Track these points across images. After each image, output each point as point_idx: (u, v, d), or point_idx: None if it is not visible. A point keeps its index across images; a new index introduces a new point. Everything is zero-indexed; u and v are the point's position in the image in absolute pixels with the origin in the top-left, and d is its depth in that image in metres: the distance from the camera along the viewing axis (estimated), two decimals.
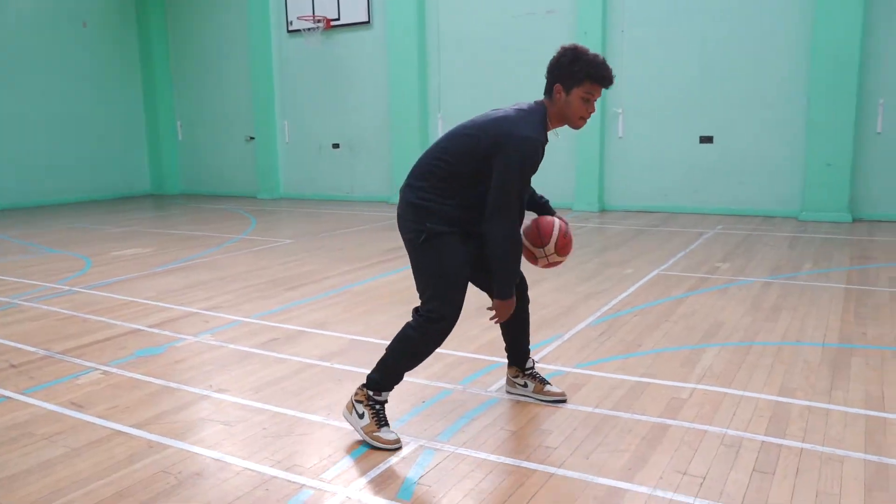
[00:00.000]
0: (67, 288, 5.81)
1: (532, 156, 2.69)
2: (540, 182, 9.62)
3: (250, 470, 2.67)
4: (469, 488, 2.50)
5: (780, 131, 8.98)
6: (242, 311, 5.00)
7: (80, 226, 9.67)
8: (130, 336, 4.44)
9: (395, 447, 2.77)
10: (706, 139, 9.47)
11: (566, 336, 4.25)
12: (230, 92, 13.41)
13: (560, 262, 3.01)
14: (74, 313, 5.00)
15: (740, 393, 3.29)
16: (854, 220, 8.57)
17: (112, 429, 3.06)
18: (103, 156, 13.39)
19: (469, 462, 2.69)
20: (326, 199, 12.48)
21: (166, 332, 4.50)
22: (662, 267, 6.18)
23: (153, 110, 13.96)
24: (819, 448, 2.72)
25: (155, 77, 13.78)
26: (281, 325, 4.61)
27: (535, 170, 2.74)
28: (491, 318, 2.92)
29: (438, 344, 2.84)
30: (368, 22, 11.60)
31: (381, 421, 2.81)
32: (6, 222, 10.24)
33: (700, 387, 3.37)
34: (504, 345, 3.27)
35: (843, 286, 5.34)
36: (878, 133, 8.49)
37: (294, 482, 2.57)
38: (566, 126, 2.86)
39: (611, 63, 2.87)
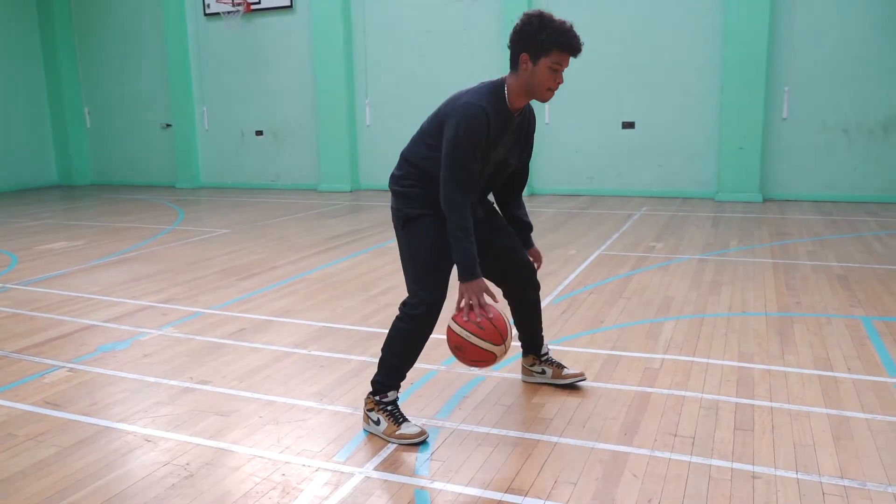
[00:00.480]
0: (0, 285, 5.50)
1: (471, 121, 2.58)
2: None
3: (260, 457, 2.68)
4: (482, 460, 2.61)
5: (697, 117, 9.50)
6: (200, 302, 4.90)
7: None
8: (87, 332, 4.28)
9: (421, 439, 2.74)
10: (628, 125, 9.89)
11: None
12: (144, 77, 12.83)
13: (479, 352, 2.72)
14: (17, 311, 4.75)
15: (705, 360, 3.55)
16: (765, 200, 9.20)
17: (99, 425, 2.99)
18: (4, 145, 12.55)
19: (474, 437, 2.81)
20: (250, 188, 12.20)
21: (125, 327, 4.37)
22: (602, 248, 6.47)
23: (58, 96, 13.17)
24: (786, 406, 3.00)
25: (58, 61, 12.99)
26: (245, 315, 4.56)
27: (482, 139, 2.61)
28: (459, 307, 2.72)
29: (427, 330, 2.82)
30: (291, 6, 11.37)
31: (398, 419, 2.79)
32: None
33: (668, 357, 3.62)
34: (517, 333, 3.20)
35: (769, 261, 5.77)
36: (784, 119, 9.14)
37: (308, 465, 2.61)
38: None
39: None
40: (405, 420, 2.81)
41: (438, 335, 3.95)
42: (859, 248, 6.16)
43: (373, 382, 2.88)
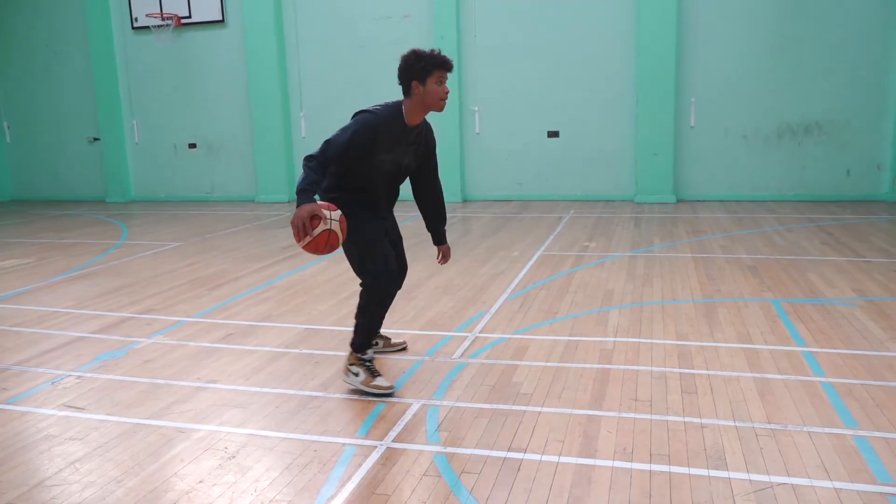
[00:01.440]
0: None
1: (362, 126, 3.28)
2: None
3: (290, 438, 3.08)
4: (482, 427, 3.11)
5: (614, 126, 10.34)
6: (180, 311, 5.17)
7: None
8: (79, 343, 4.51)
9: (391, 391, 3.44)
10: (553, 133, 10.63)
11: (492, 310, 4.95)
12: (68, 91, 12.65)
13: (320, 245, 3.18)
14: (1, 328, 4.90)
15: (650, 341, 4.17)
16: (678, 201, 10.12)
17: (130, 422, 3.30)
18: None
19: (470, 411, 3.30)
20: (184, 200, 12.25)
21: (115, 337, 4.61)
22: (542, 249, 7.09)
23: None
24: (720, 373, 3.64)
25: None
26: (229, 322, 4.88)
27: (361, 142, 3.26)
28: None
29: (389, 292, 3.52)
30: (223, 20, 11.55)
31: (373, 373, 3.49)
32: None
33: (619, 339, 4.22)
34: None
35: (689, 255, 6.53)
36: (692, 127, 10.09)
37: (335, 442, 3.03)
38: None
39: (465, 65, 3.53)
40: (379, 374, 3.49)
41: (411, 331, 4.45)
42: (764, 242, 7.02)
43: (352, 343, 3.55)
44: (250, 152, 11.82)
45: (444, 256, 4.01)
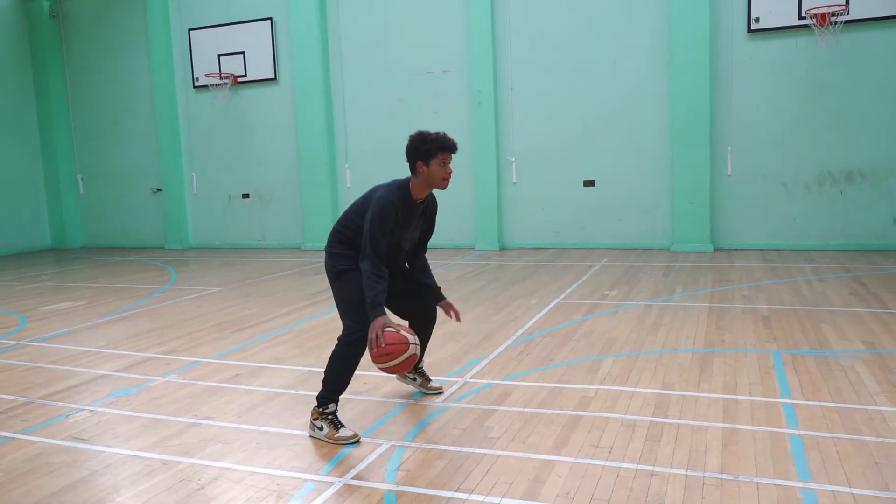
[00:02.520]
0: (14, 342, 6.07)
1: (381, 213, 3.54)
2: (444, 226, 10.60)
3: (258, 473, 3.28)
4: (439, 469, 3.24)
5: (651, 175, 10.37)
6: (199, 352, 5.51)
7: None
8: (101, 380, 4.87)
9: (355, 440, 3.55)
10: (589, 183, 10.74)
11: (490, 356, 5.07)
12: (135, 145, 13.59)
13: (404, 368, 3.66)
14: (36, 364, 5.33)
15: (633, 389, 4.21)
16: (715, 249, 10.01)
17: (122, 454, 3.57)
18: (0, 212, 13.17)
19: (435, 453, 3.43)
20: (237, 248, 12.86)
21: (134, 375, 4.96)
22: (561, 296, 7.17)
23: (52, 165, 13.88)
24: (691, 422, 3.66)
25: (54, 132, 13.75)
26: (240, 363, 5.17)
27: (392, 225, 3.59)
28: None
29: (358, 354, 3.65)
30: (275, 79, 12.26)
31: (337, 425, 3.59)
32: None
33: (602, 387, 4.28)
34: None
35: (706, 305, 6.49)
36: (729, 175, 10.02)
37: (298, 477, 3.21)
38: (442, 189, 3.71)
39: (502, 116, 3.73)
40: (342, 426, 3.61)
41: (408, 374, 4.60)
42: (789, 292, 6.90)
43: (318, 397, 3.68)
44: (298, 202, 12.37)
45: (453, 310, 4.06)
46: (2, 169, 13.20)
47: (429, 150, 3.59)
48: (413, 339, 3.62)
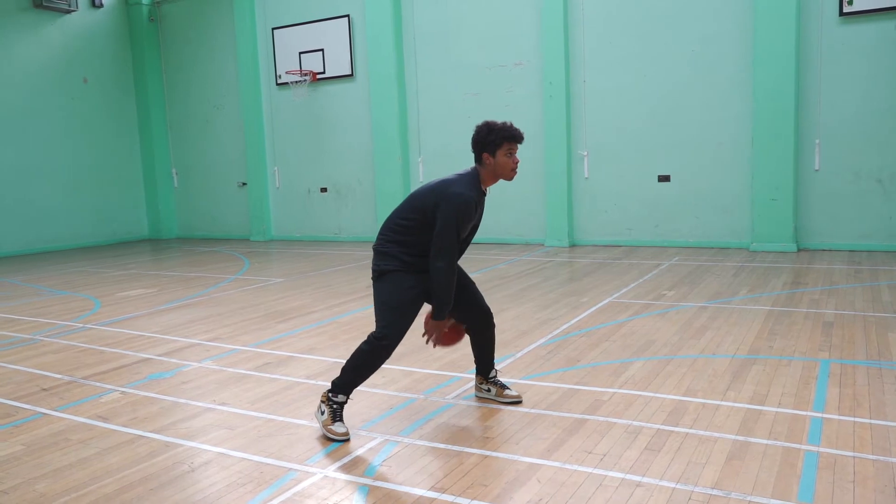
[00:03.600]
0: (81, 325, 6.49)
1: (464, 209, 3.44)
2: (513, 221, 10.48)
3: (247, 459, 3.35)
4: (420, 467, 3.18)
5: (730, 170, 9.82)
6: (240, 341, 5.69)
7: (84, 270, 10.36)
8: (142, 363, 5.12)
9: (343, 439, 3.46)
10: (664, 178, 10.29)
11: (518, 355, 4.95)
12: (223, 141, 14.24)
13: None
14: (91, 346, 5.67)
15: (651, 394, 3.99)
16: (799, 250, 9.36)
17: (134, 434, 3.74)
18: (103, 203, 14.14)
19: (423, 450, 3.38)
20: (315, 241, 13.21)
21: (173, 360, 5.18)
22: (615, 295, 6.91)
23: (150, 160, 14.77)
24: (701, 433, 3.42)
25: (152, 129, 14.61)
26: (273, 352, 5.30)
27: (470, 220, 3.51)
28: (423, 335, 3.66)
29: (383, 359, 3.53)
30: (352, 75, 12.49)
31: (336, 417, 3.53)
32: (12, 268, 10.92)
33: (620, 391, 4.08)
34: (474, 357, 4.01)
35: (767, 308, 6.07)
36: (816, 170, 9.33)
37: (282, 467, 3.25)
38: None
39: (574, 109, 3.56)
40: (340, 420, 3.53)
41: (427, 370, 4.59)
42: (864, 297, 6.35)
43: (332, 382, 3.60)
44: (372, 196, 12.56)
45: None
46: (105, 163, 14.16)
47: (495, 140, 3.49)
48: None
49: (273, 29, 13.14)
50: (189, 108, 14.61)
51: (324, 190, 13.18)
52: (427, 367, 4.75)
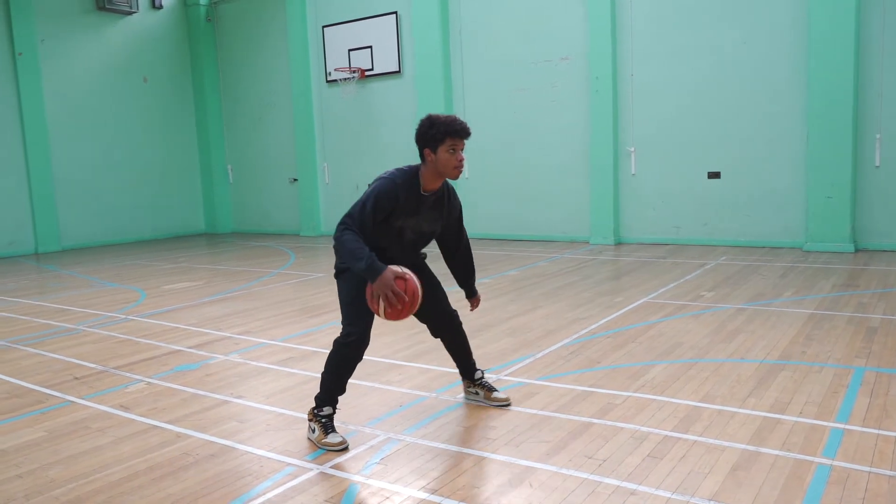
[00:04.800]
0: (124, 316, 6.73)
1: (383, 192, 3.28)
2: (558, 218, 10.28)
3: (251, 453, 3.40)
4: (416, 466, 3.17)
5: (783, 166, 9.43)
6: (269, 335, 5.79)
7: (138, 262, 10.75)
8: (172, 355, 5.27)
9: (341, 448, 3.33)
10: (714, 175, 9.97)
11: (539, 354, 4.88)
12: (275, 138, 14.53)
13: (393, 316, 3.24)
14: (128, 337, 5.88)
15: (666, 399, 3.87)
16: (857, 250, 8.92)
17: (150, 424, 3.85)
18: (162, 198, 14.64)
19: (422, 449, 3.36)
20: None
21: (202, 353, 5.32)
22: (651, 295, 6.74)
23: (207, 156, 15.20)
24: (710, 440, 3.30)
25: (208, 126, 15.03)
26: (299, 347, 5.37)
27: (387, 208, 3.29)
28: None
29: (355, 358, 3.41)
30: (399, 71, 12.55)
31: (327, 430, 3.40)
32: (74, 259, 11.43)
33: (635, 395, 3.97)
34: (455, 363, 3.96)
35: (809, 311, 5.81)
36: (877, 167, 8.87)
37: (281, 461, 3.29)
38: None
39: (621, 104, 3.35)
40: (333, 431, 3.43)
41: (442, 368, 4.56)
42: None
43: (315, 398, 3.53)
44: None
45: (474, 305, 3.90)
46: (164, 159, 14.65)
47: (436, 135, 3.27)
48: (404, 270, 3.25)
49: (323, 27, 13.32)
50: (243, 105, 14.96)
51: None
52: (445, 364, 4.72)
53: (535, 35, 11.12)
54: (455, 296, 4.07)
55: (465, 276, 3.86)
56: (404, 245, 3.54)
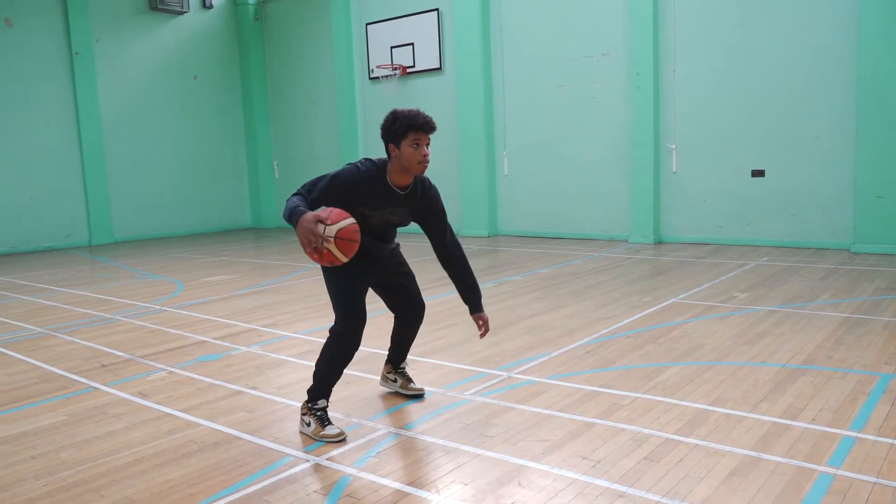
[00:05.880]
0: (159, 307, 6.95)
1: (343, 176, 3.26)
2: (598, 216, 10.20)
3: (253, 442, 3.47)
4: (410, 461, 3.19)
5: (830, 164, 9.09)
6: (293, 328, 5.89)
7: (182, 255, 11.07)
8: (197, 346, 5.42)
9: (340, 439, 3.38)
10: (758, 173, 9.68)
11: (554, 354, 4.84)
12: (320, 134, 14.75)
13: (335, 256, 3.07)
14: (159, 327, 6.06)
15: (675, 401, 3.79)
16: None
17: (163, 412, 3.97)
18: (210, 193, 15.04)
19: (420, 444, 3.38)
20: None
21: (225, 344, 5.45)
22: (682, 295, 6.59)
23: (254, 152, 15.54)
24: (711, 445, 3.21)
25: (255, 122, 15.36)
26: (318, 340, 5.44)
27: (341, 188, 3.24)
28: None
29: (350, 348, 3.46)
30: (440, 68, 12.57)
31: (323, 422, 3.44)
32: (124, 252, 11.84)
33: (643, 396, 3.90)
34: (390, 346, 4.04)
35: (845, 315, 5.59)
36: None
37: (281, 451, 3.35)
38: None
39: (663, 101, 3.26)
40: (329, 423, 3.48)
41: (457, 364, 4.57)
42: None
43: (308, 391, 3.58)
44: (457, 189, 12.61)
45: (484, 326, 3.65)
46: (212, 155, 15.04)
47: (399, 129, 3.23)
48: (326, 228, 3.03)
49: (367, 24, 13.44)
50: (289, 102, 15.23)
51: None
52: (460, 361, 4.74)
53: (576, 31, 10.99)
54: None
55: (465, 289, 3.70)
56: (371, 231, 3.48)
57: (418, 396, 4.00)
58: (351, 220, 3.11)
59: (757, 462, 3.02)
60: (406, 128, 3.25)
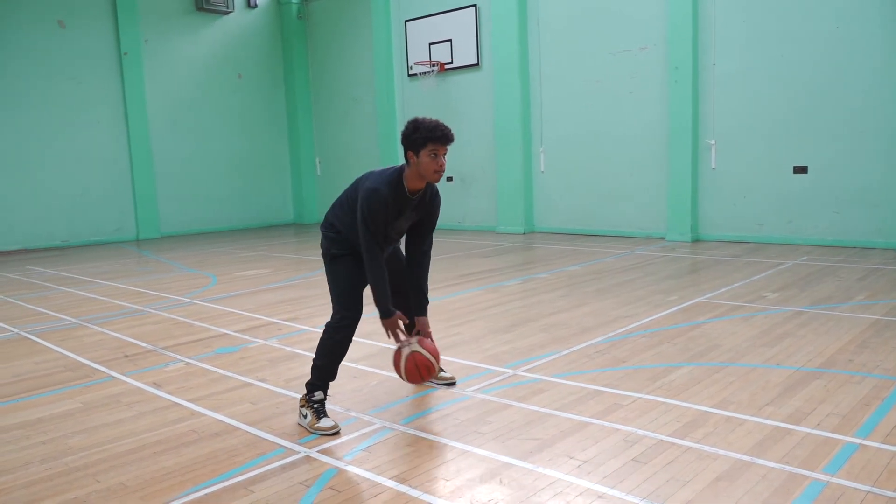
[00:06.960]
0: (189, 300, 7.14)
1: (373, 203, 3.39)
2: (634, 213, 10.11)
3: (252, 434, 3.55)
4: (397, 456, 3.21)
5: (876, 160, 8.73)
6: (312, 322, 5.99)
7: (221, 250, 11.34)
8: (218, 338, 5.56)
9: (333, 432, 3.45)
10: (800, 169, 9.37)
11: (564, 352, 4.79)
12: (360, 131, 14.90)
13: (400, 363, 3.68)
14: (185, 320, 6.24)
15: (677, 403, 3.71)
16: None
17: (172, 401, 4.09)
18: (254, 189, 15.36)
19: (411, 439, 3.39)
20: (440, 229, 13.43)
21: (245, 337, 5.57)
22: (708, 295, 6.44)
23: (296, 149, 15.80)
24: (705, 448, 3.14)
25: (298, 120, 15.62)
26: None
27: (381, 216, 3.42)
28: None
29: (344, 339, 3.60)
30: (478, 64, 12.55)
31: (319, 414, 3.52)
32: (169, 246, 12.21)
33: (645, 396, 3.83)
34: None
35: (876, 317, 5.38)
36: None
37: (275, 443, 3.41)
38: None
39: (702, 95, 3.21)
40: (325, 416, 3.53)
41: (466, 360, 4.58)
42: None
43: (306, 384, 3.64)
44: (494, 185, 12.58)
45: (423, 330, 3.83)
46: (256, 152, 15.36)
47: (419, 139, 3.37)
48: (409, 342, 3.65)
49: (406, 21, 13.50)
50: (331, 99, 15.43)
51: (450, 179, 13.38)
52: (470, 358, 4.74)
53: (613, 25, 10.82)
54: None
55: (419, 294, 3.83)
56: (389, 244, 3.69)
57: (451, 384, 4.12)
58: (430, 357, 3.62)
59: (748, 467, 2.94)
60: (425, 139, 3.38)
